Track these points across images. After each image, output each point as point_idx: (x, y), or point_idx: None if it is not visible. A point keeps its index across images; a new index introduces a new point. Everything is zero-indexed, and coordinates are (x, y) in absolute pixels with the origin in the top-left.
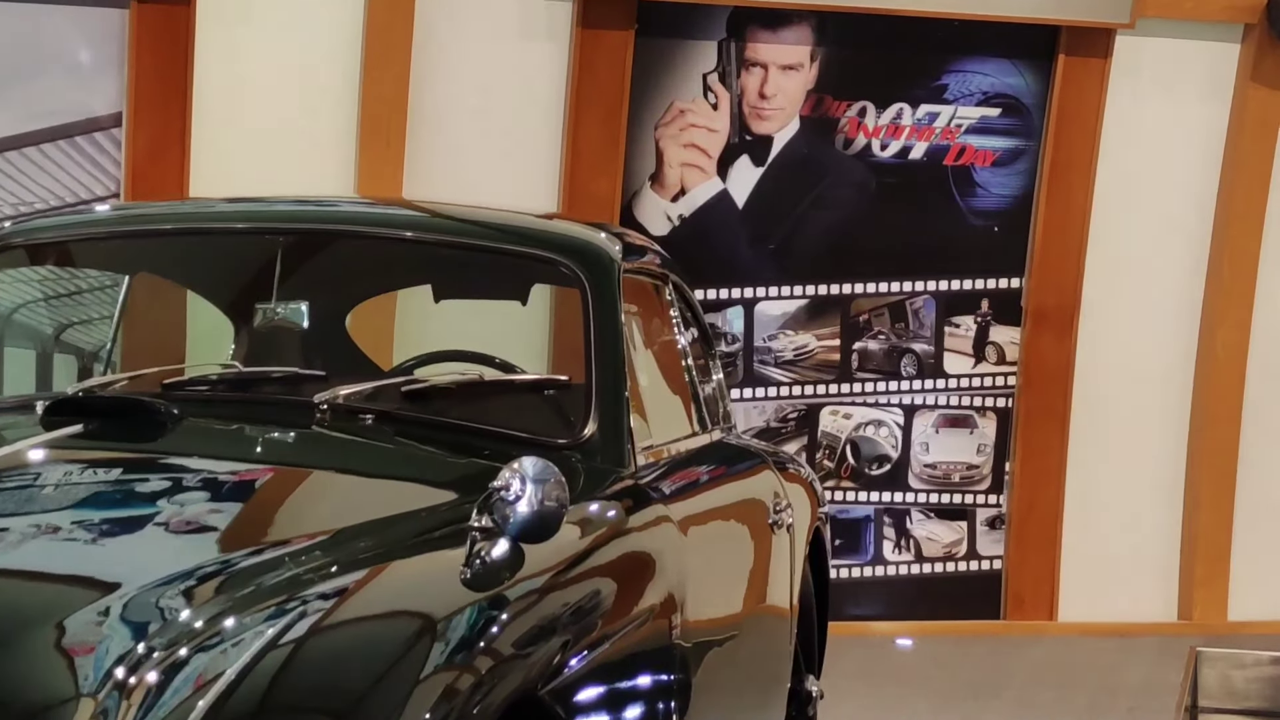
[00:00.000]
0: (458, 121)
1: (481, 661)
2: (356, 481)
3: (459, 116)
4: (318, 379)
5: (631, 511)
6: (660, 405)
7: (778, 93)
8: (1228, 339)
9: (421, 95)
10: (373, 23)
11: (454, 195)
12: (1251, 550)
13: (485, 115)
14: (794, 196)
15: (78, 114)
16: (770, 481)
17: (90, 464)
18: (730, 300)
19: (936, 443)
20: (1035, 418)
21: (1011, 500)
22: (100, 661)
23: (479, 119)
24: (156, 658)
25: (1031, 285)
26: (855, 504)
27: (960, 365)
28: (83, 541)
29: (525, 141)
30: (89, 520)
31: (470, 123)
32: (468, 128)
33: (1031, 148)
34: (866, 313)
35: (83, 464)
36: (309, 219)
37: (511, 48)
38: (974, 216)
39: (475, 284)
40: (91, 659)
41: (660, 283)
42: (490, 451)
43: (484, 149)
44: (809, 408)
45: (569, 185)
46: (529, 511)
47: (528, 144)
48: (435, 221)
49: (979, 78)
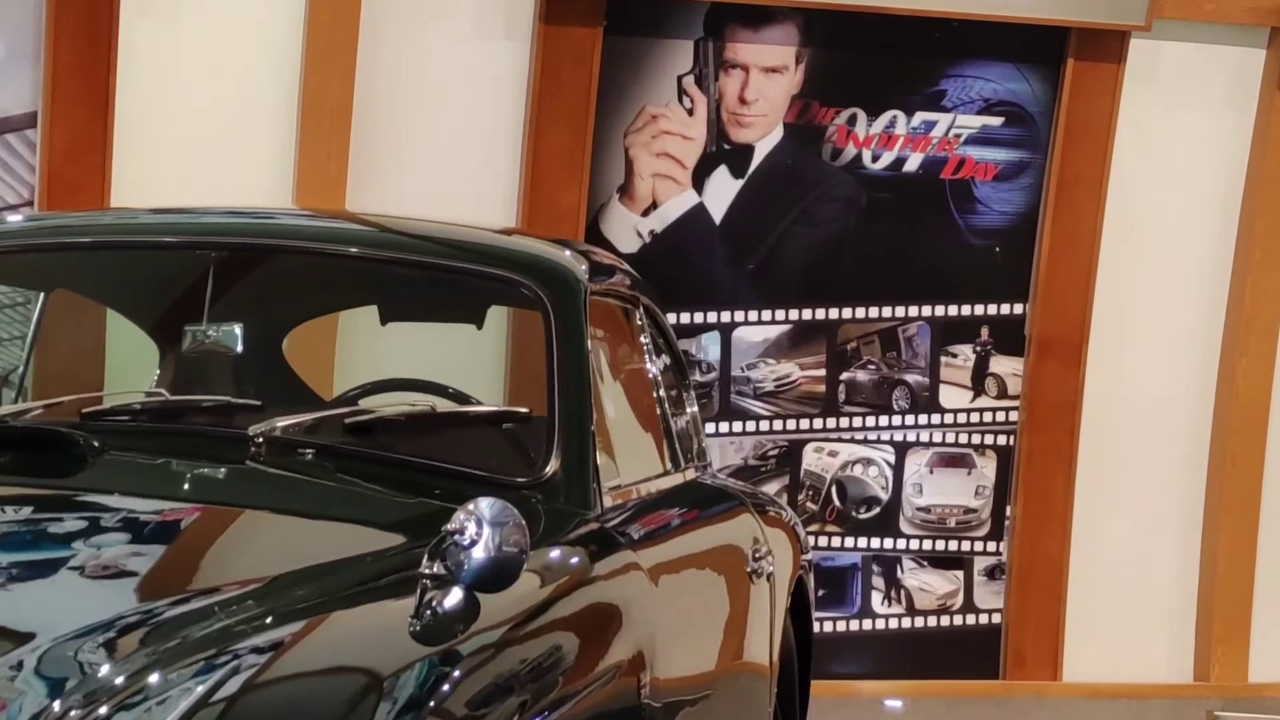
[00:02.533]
0: (407, 128)
1: None
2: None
3: (409, 122)
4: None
5: (597, 558)
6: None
7: (759, 97)
8: (1250, 372)
9: (368, 98)
10: (315, 20)
11: (403, 208)
12: (1275, 604)
13: (438, 121)
14: (777, 211)
15: None
16: (749, 525)
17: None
18: (706, 325)
19: (931, 484)
20: (1039, 457)
21: (1013, 548)
22: None
23: (431, 125)
24: (74, 717)
25: (1036, 311)
26: (841, 551)
27: (957, 399)
28: None
29: (482, 150)
30: None
31: (421, 129)
32: (419, 134)
33: (1037, 160)
34: (855, 340)
35: None
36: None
37: (467, 47)
38: (973, 235)
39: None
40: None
41: (630, 305)
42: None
43: (436, 158)
44: (791, 444)
45: (530, 198)
46: (485, 558)
47: (484, 152)
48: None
49: (980, 83)
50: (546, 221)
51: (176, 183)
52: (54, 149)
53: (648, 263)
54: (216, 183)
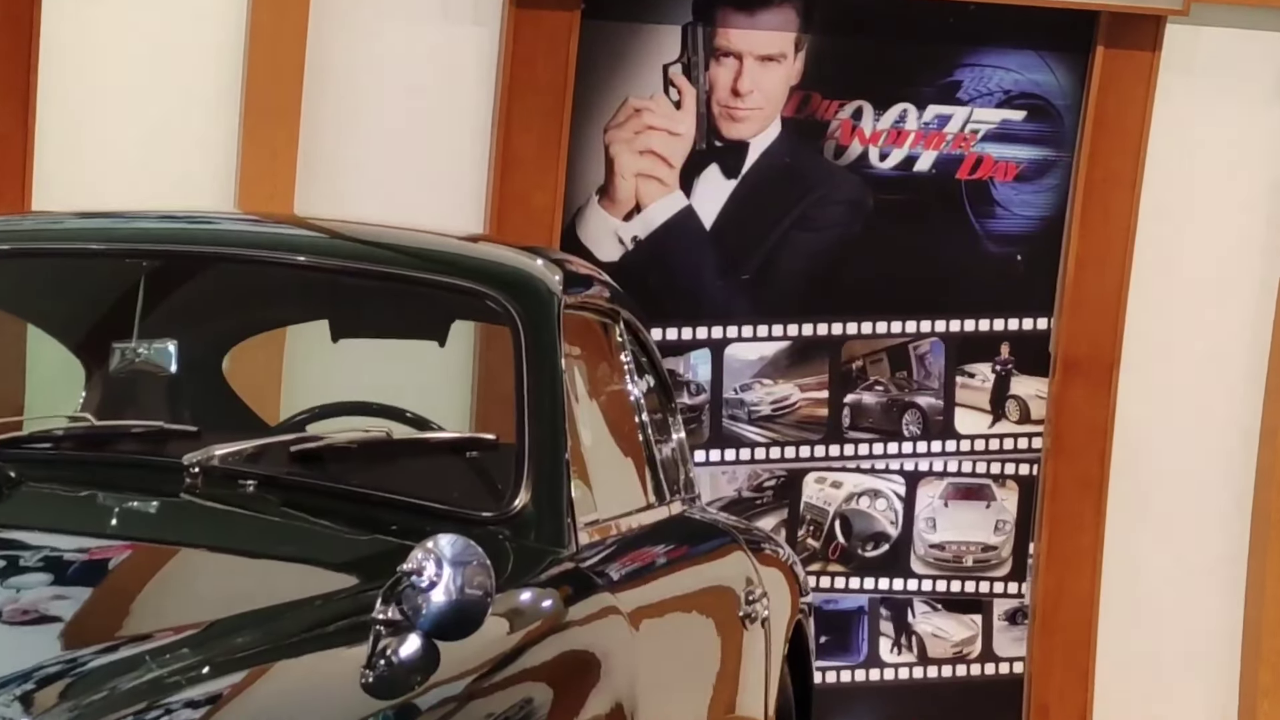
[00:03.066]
0: (363, 122)
1: None
2: (234, 562)
3: (365, 116)
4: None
5: (572, 601)
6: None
7: (754, 89)
8: None
9: (319, 90)
10: (260, 1)
11: (358, 212)
12: None
13: (397, 115)
14: (774, 215)
15: None
16: (742, 565)
17: None
18: (695, 342)
19: (945, 518)
20: (1066, 489)
21: (1036, 589)
22: None
23: (389, 120)
24: None
25: (1062, 327)
26: (845, 593)
27: (975, 424)
28: None
29: (446, 147)
30: None
31: (379, 124)
32: (375, 130)
33: (1063, 159)
34: (861, 358)
35: None
36: (179, 239)
37: (430, 32)
38: (992, 242)
39: (382, 320)
40: None
41: (609, 320)
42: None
43: (395, 156)
44: (790, 474)
45: (499, 200)
46: (446, 601)
47: (449, 150)
48: (334, 243)
49: (1000, 74)
50: (517, 227)
51: (105, 183)
52: None
53: (630, 272)
54: (150, 183)
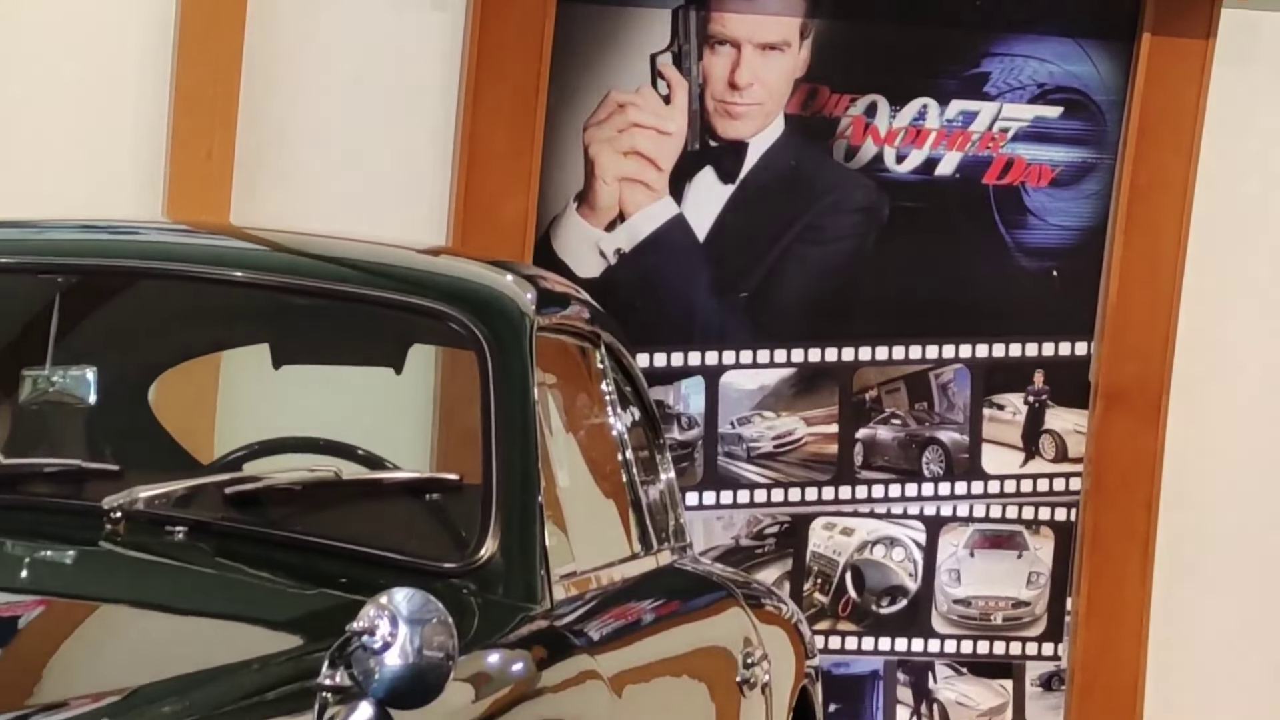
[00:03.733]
0: (310, 119)
1: None
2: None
3: (312, 112)
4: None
5: (546, 664)
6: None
7: (754, 81)
8: None
9: (259, 82)
10: None
11: (302, 221)
12: None
13: (349, 111)
14: (776, 226)
15: None
16: (740, 623)
17: None
18: (687, 369)
19: (971, 570)
20: (1108, 537)
21: (1075, 651)
22: None
23: (340, 116)
24: None
25: (1104, 352)
26: (858, 654)
27: (1005, 462)
28: None
29: (404, 148)
30: None
31: (326, 121)
32: (324, 128)
33: (1105, 162)
34: (875, 388)
35: None
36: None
37: (386, 17)
38: (1025, 255)
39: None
40: None
41: (589, 344)
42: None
43: (346, 158)
44: (794, 520)
45: (463, 208)
46: (402, 665)
47: (407, 152)
48: (276, 257)
49: (1033, 64)
50: (485, 237)
51: (17, 188)
52: None
53: (613, 290)
54: (67, 188)
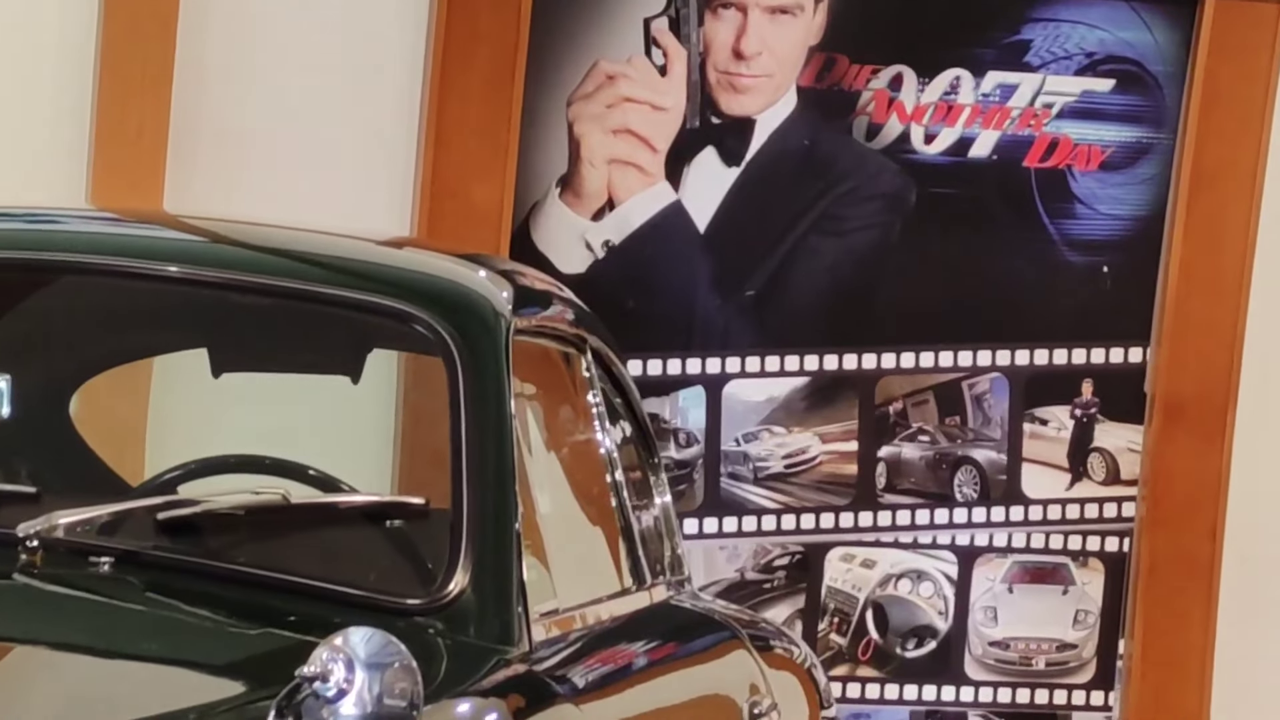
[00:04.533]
0: (256, 93)
1: None
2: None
3: (258, 85)
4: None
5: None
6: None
7: (763, 50)
8: None
9: (197, 50)
10: None
11: (248, 210)
12: None
13: (300, 84)
14: (787, 215)
15: None
16: (745, 668)
17: None
18: (685, 378)
19: (1010, 608)
20: (1166, 569)
21: (1129, 700)
22: None
23: (290, 89)
24: None
25: (1161, 360)
26: (881, 704)
27: (1048, 485)
28: None
29: (363, 125)
30: None
31: (276, 96)
32: (271, 103)
33: (1163, 142)
34: (900, 400)
35: None
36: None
37: None
38: (1071, 249)
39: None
40: None
41: (574, 350)
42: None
43: (297, 137)
44: (808, 550)
45: (430, 193)
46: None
47: (367, 129)
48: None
49: (1081, 30)
50: (454, 228)
51: None
52: None
53: (601, 288)
54: None
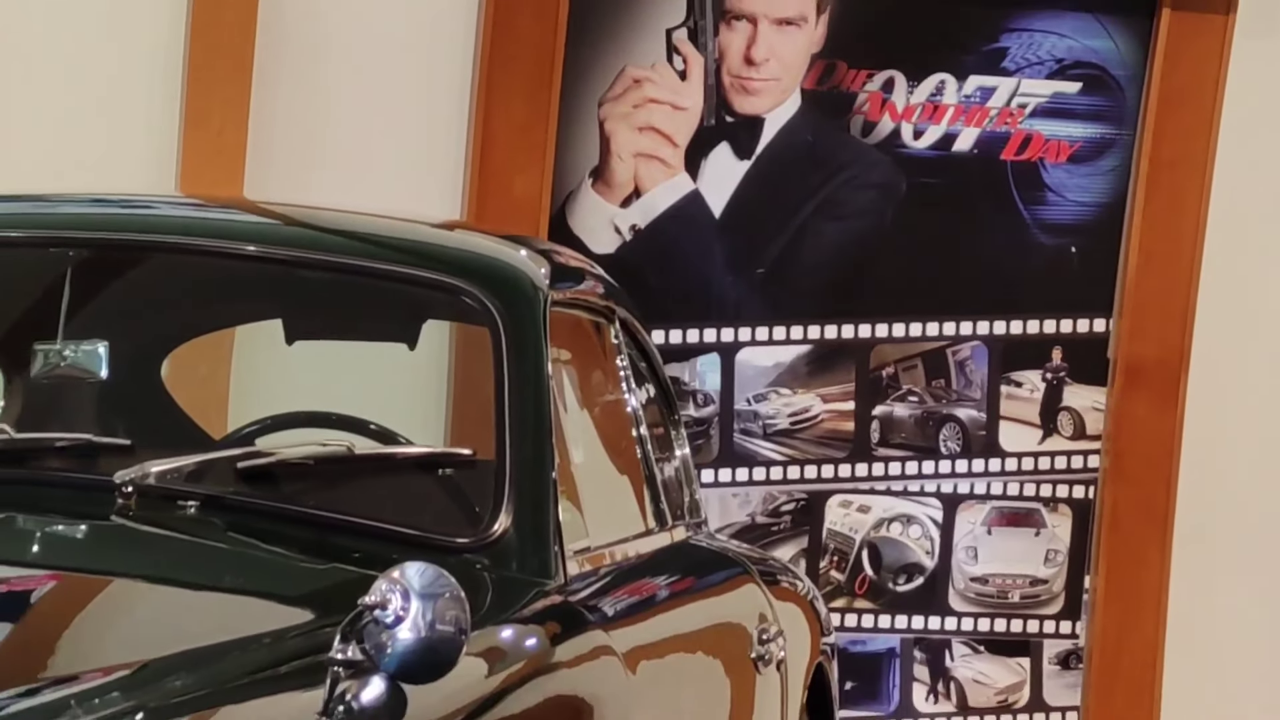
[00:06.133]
0: (324, 94)
1: None
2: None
3: (325, 87)
4: (120, 450)
5: (559, 640)
6: (602, 492)
7: (771, 57)
8: None
9: (273, 57)
10: None
11: (316, 196)
12: None
13: (362, 86)
14: (793, 202)
15: None
16: (754, 600)
17: None
18: (702, 345)
19: (989, 548)
20: (1127, 515)
21: (1093, 630)
22: None
23: (353, 91)
24: None
25: (1123, 329)
26: (874, 632)
27: (1022, 440)
28: None
29: (417, 123)
30: None
31: (341, 96)
32: (338, 102)
33: (1124, 138)
34: (892, 365)
35: None
36: (111, 226)
37: None
38: (1043, 232)
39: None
40: None
41: (604, 320)
42: (361, 554)
43: (360, 132)
44: (810, 497)
45: (478, 182)
46: (414, 639)
47: (421, 127)
48: (289, 231)
49: (1052, 39)
50: (499, 214)
51: (27, 163)
52: None
53: (628, 266)
54: (80, 164)
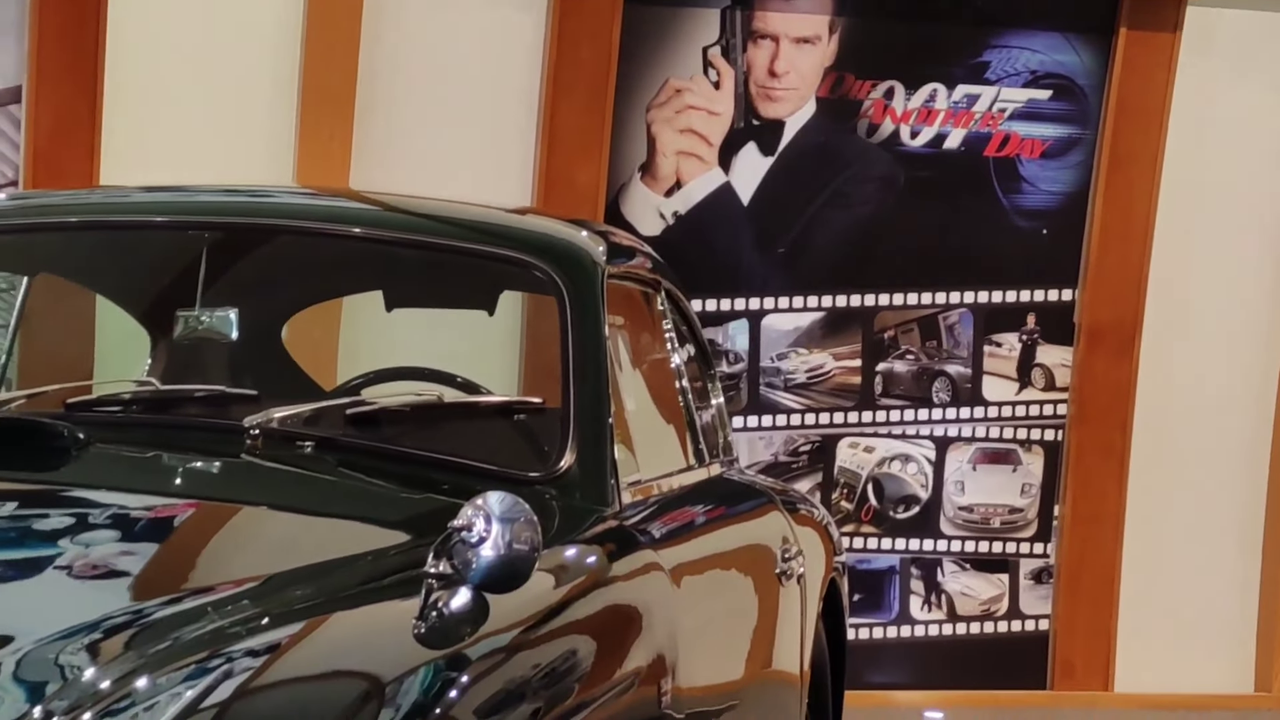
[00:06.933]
0: (415, 104)
1: None
2: (293, 520)
3: (416, 98)
4: (248, 399)
5: (615, 557)
6: (650, 434)
7: (790, 70)
8: None
9: (372, 73)
10: None
11: (410, 187)
12: None
13: (447, 97)
14: (809, 191)
15: None
16: (778, 524)
17: None
18: (733, 312)
19: (974, 481)
20: (1089, 453)
21: (1061, 550)
22: None
23: (440, 101)
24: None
25: (1086, 298)
26: (877, 552)
27: (1002, 391)
28: None
29: (494, 126)
30: None
31: (429, 105)
32: (426, 111)
33: (1087, 137)
34: (892, 328)
35: None
36: (240, 212)
37: (478, 17)
38: (1019, 216)
39: (434, 290)
40: None
41: (651, 290)
42: (450, 486)
43: (445, 136)
44: (824, 439)
45: (545, 176)
46: (494, 556)
47: (497, 130)
48: (388, 216)
49: (1026, 54)
50: (563, 202)
51: (169, 165)
52: (40, 126)
53: (671, 246)
54: (212, 163)
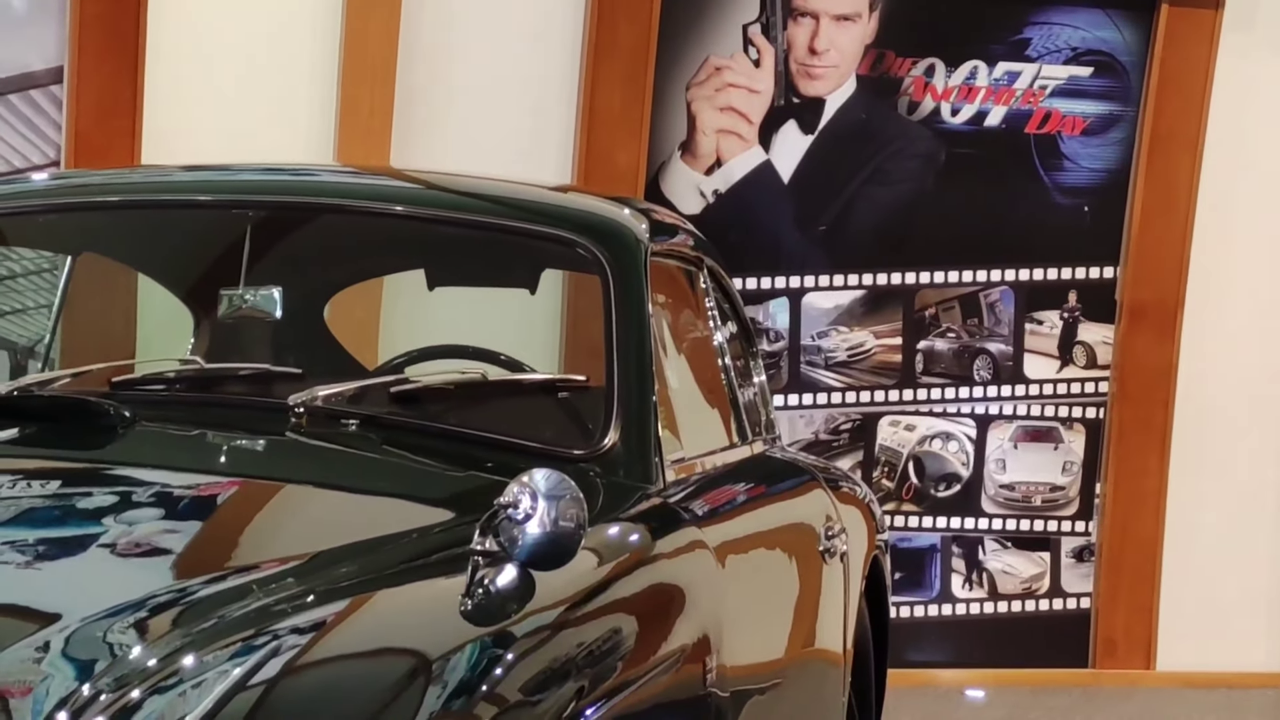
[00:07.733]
0: (455, 82)
1: (483, 709)
2: (338, 497)
3: (456, 76)
4: (292, 378)
5: (659, 535)
6: (693, 412)
7: (831, 47)
8: None
9: (413, 52)
10: None
11: (451, 165)
12: None
13: (487, 75)
14: (849, 169)
15: (10, 69)
16: (821, 502)
17: (25, 475)
18: (774, 291)
19: (1015, 460)
20: (1131, 432)
21: (1103, 528)
22: (38, 705)
23: (480, 79)
24: (104, 701)
25: (1128, 276)
26: (919, 531)
27: (1043, 369)
28: (15, 565)
29: (534, 106)
30: (23, 541)
31: (470, 84)
32: (467, 89)
33: (1129, 114)
34: (933, 306)
35: (16, 475)
36: (282, 190)
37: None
38: (1060, 194)
39: (476, 268)
40: (28, 702)
41: (694, 268)
42: (495, 464)
43: (486, 115)
44: (865, 417)
45: (585, 156)
46: (540, 533)
47: (537, 109)
48: (429, 194)
49: (1067, 31)
50: (603, 181)
51: (210, 143)
52: (81, 107)
53: (711, 224)
54: (253, 142)
